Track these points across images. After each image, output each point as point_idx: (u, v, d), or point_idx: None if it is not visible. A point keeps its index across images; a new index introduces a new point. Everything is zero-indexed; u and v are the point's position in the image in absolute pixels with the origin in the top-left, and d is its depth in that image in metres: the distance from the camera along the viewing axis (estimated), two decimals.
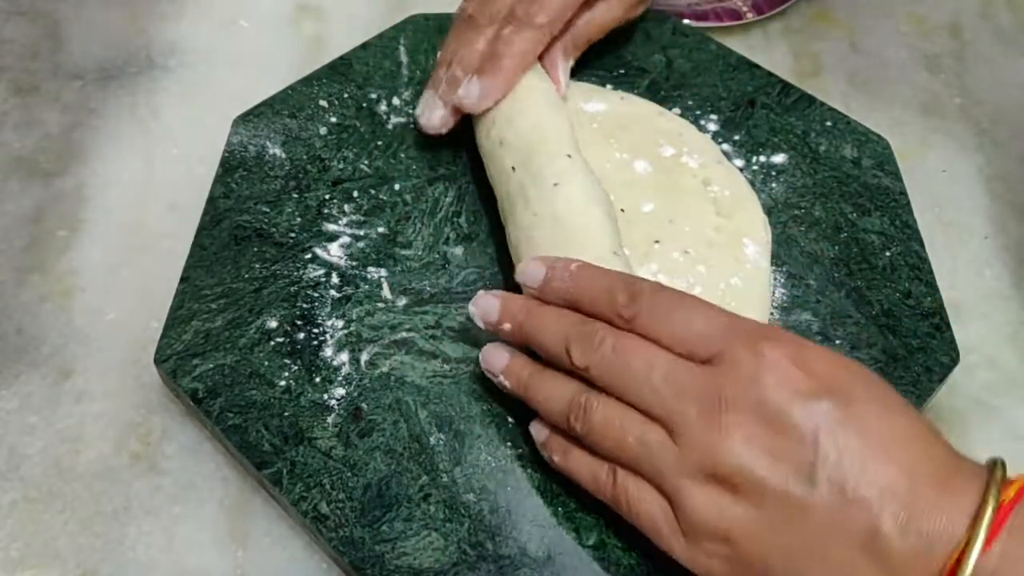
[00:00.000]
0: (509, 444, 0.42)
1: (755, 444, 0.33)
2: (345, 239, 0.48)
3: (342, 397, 0.43)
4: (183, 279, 0.46)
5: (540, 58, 0.50)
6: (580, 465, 0.38)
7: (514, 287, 0.42)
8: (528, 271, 0.41)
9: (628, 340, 0.37)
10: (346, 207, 0.49)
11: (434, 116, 0.49)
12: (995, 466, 0.32)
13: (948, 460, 0.33)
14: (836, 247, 0.49)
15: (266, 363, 0.43)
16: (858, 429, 0.32)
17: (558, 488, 0.40)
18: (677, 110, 0.53)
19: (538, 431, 0.40)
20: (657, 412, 0.35)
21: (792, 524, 0.32)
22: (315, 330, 0.45)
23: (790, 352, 0.34)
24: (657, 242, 0.46)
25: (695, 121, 0.53)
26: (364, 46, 0.56)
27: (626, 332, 0.37)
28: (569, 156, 0.45)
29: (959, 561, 0.30)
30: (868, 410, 0.33)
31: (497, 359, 0.41)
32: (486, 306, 0.41)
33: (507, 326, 0.40)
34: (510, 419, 0.42)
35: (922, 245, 0.49)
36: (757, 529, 0.33)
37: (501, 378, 0.41)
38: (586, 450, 0.38)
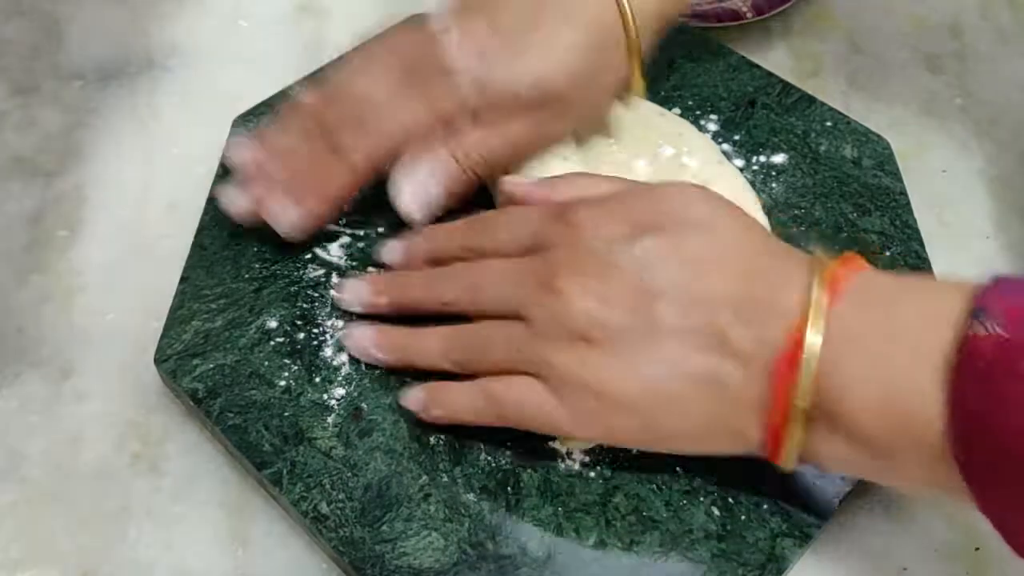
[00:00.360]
0: (509, 444, 0.41)
1: (590, 296, 0.36)
2: (345, 239, 0.48)
3: (342, 397, 0.43)
4: (183, 279, 0.46)
5: None
6: (460, 403, 0.40)
7: None
8: (387, 249, 0.45)
9: (475, 264, 0.40)
10: (345, 207, 0.49)
11: (235, 205, 0.45)
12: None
13: (775, 255, 0.36)
14: (836, 247, 0.48)
15: (266, 363, 0.43)
16: (679, 257, 0.36)
17: (558, 488, 0.40)
18: (677, 110, 0.53)
19: (414, 397, 0.41)
20: (510, 310, 0.38)
21: (649, 356, 0.35)
22: (315, 330, 0.45)
23: (596, 209, 0.37)
24: None
25: (695, 121, 0.53)
26: None
27: (474, 259, 0.41)
28: (565, 159, 0.45)
29: (800, 336, 0.33)
30: (683, 236, 0.36)
31: (365, 335, 0.43)
32: (355, 288, 0.44)
33: (384, 299, 0.43)
34: None
35: (922, 245, 0.49)
36: (620, 372, 0.35)
37: (375, 351, 0.42)
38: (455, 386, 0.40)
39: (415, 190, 0.44)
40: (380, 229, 0.48)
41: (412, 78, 0.43)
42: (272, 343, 0.44)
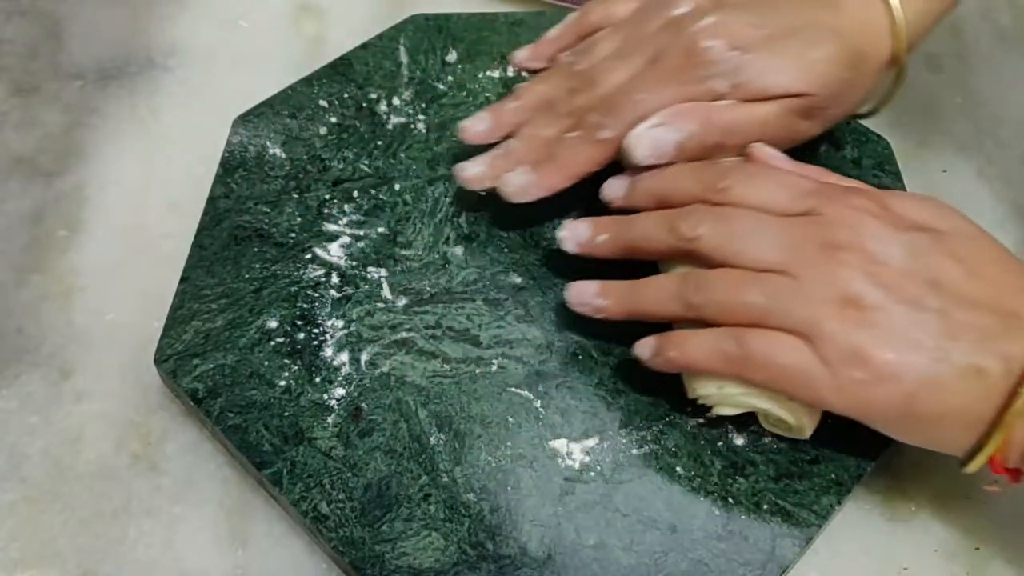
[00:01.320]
0: (509, 444, 0.42)
1: (871, 275, 0.36)
2: (345, 239, 0.48)
3: (342, 397, 0.43)
4: (183, 279, 0.46)
5: None
6: (700, 347, 0.38)
7: (516, 286, 0.42)
8: (611, 185, 0.44)
9: (728, 208, 0.39)
10: (346, 207, 0.49)
11: (471, 170, 0.47)
12: None
13: None
14: None
15: (266, 363, 0.43)
16: (951, 254, 0.37)
17: (559, 488, 0.40)
18: None
19: (644, 344, 0.40)
20: (774, 262, 0.38)
21: (920, 335, 0.36)
22: (315, 330, 0.45)
23: (878, 200, 0.39)
24: None
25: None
26: (364, 46, 0.57)
27: (723, 207, 0.40)
28: None
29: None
30: (957, 239, 0.38)
31: (587, 287, 0.42)
32: (576, 227, 0.43)
33: (603, 237, 0.42)
34: (510, 419, 0.42)
35: None
36: (888, 345, 0.36)
37: (599, 300, 0.41)
38: (697, 334, 0.39)
39: (656, 134, 0.43)
40: (380, 229, 0.48)
41: (662, 64, 0.44)
42: (272, 343, 0.44)
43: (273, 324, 0.45)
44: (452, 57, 0.56)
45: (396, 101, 0.54)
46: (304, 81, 0.55)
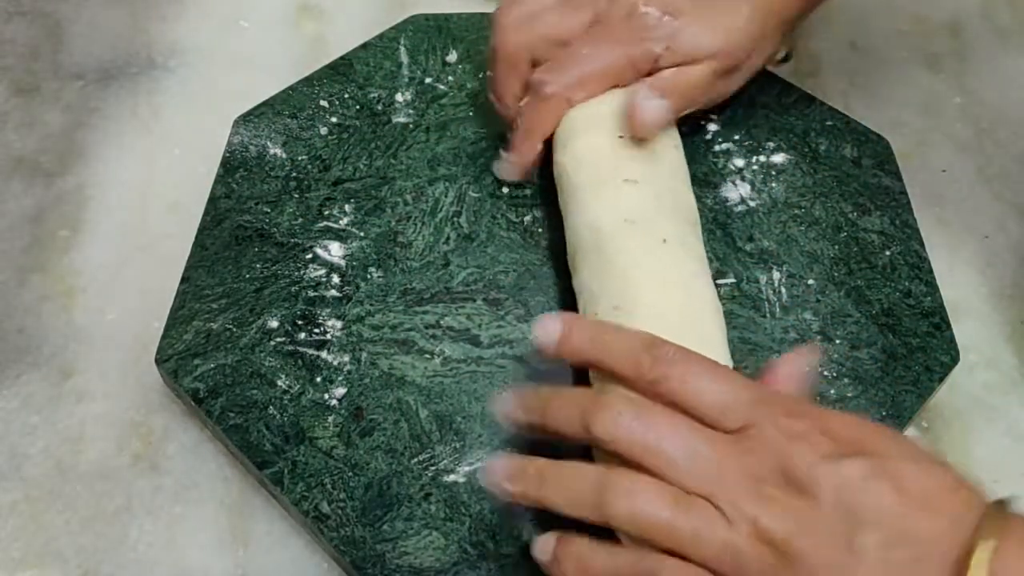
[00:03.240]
0: (509, 444, 0.42)
1: (793, 516, 0.32)
2: (346, 239, 0.48)
3: (343, 397, 0.43)
4: (184, 279, 0.46)
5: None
6: (606, 569, 0.35)
7: (516, 286, 0.42)
8: (542, 329, 0.38)
9: (651, 409, 0.35)
10: (346, 207, 0.49)
11: (502, 169, 0.51)
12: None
13: (970, 505, 0.32)
14: (836, 246, 0.49)
15: (267, 363, 0.43)
16: (893, 484, 0.32)
17: None
18: None
19: (544, 546, 0.36)
20: (695, 489, 0.34)
21: (850, 528, 0.32)
22: (316, 330, 0.45)
23: (813, 423, 0.34)
24: None
25: (695, 121, 0.53)
26: (365, 46, 0.57)
27: (647, 401, 0.35)
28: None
29: None
30: (900, 464, 0.33)
31: (499, 465, 0.37)
32: (503, 401, 0.38)
33: (521, 416, 0.38)
34: None
35: (922, 244, 0.49)
36: None
37: (507, 484, 0.36)
38: (603, 551, 0.35)
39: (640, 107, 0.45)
40: (380, 229, 0.49)
41: (604, 26, 0.48)
42: (273, 343, 0.44)
43: (274, 324, 0.45)
44: (452, 57, 0.56)
45: (396, 101, 0.54)
46: (305, 81, 0.55)
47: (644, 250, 0.41)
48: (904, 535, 0.31)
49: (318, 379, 0.43)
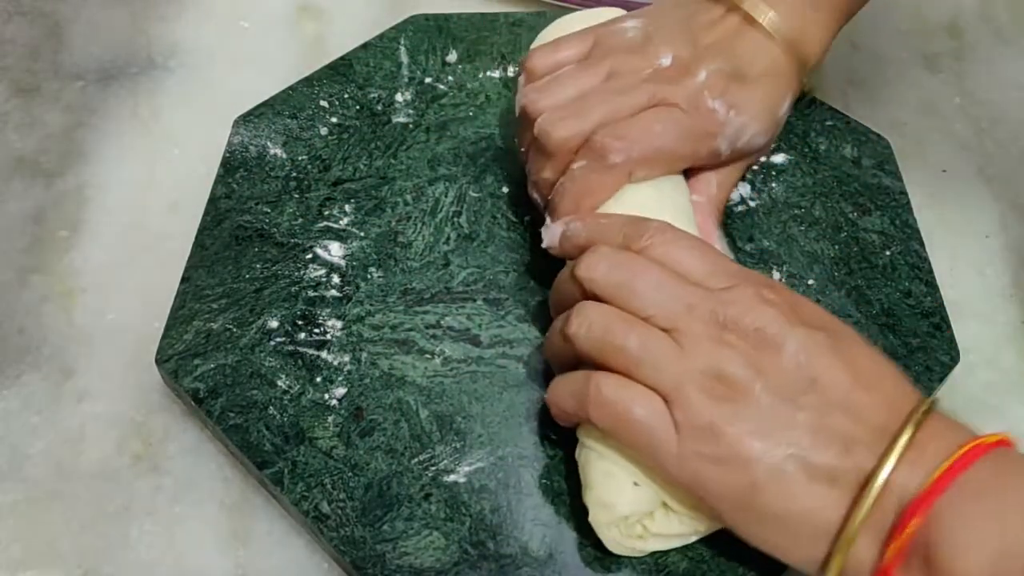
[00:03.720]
0: (510, 444, 0.42)
1: (753, 361, 0.35)
2: (346, 239, 0.48)
3: (343, 397, 0.43)
4: (184, 279, 0.46)
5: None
6: (562, 387, 0.38)
7: (516, 286, 0.42)
8: (547, 233, 0.43)
9: (634, 257, 0.38)
10: (347, 207, 0.49)
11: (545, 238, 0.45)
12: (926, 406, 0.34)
13: (908, 395, 0.36)
14: (836, 246, 0.49)
15: (267, 363, 0.43)
16: (847, 361, 0.35)
17: (559, 487, 0.40)
18: None
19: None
20: (662, 320, 0.36)
21: (782, 429, 0.34)
22: (316, 330, 0.45)
23: (788, 297, 0.37)
24: None
25: None
26: (364, 46, 0.57)
27: (632, 253, 0.38)
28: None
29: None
30: (857, 348, 0.36)
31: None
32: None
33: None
34: (511, 419, 0.42)
35: (922, 244, 0.49)
36: (745, 429, 0.34)
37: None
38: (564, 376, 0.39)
39: None
40: (380, 229, 0.49)
41: (673, 112, 0.44)
42: (273, 343, 0.44)
43: (274, 324, 0.45)
44: (452, 57, 0.56)
45: (396, 101, 0.54)
46: (304, 81, 0.55)
47: None
48: (846, 406, 0.34)
49: (318, 379, 0.43)
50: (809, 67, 0.47)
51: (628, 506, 0.36)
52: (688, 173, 0.46)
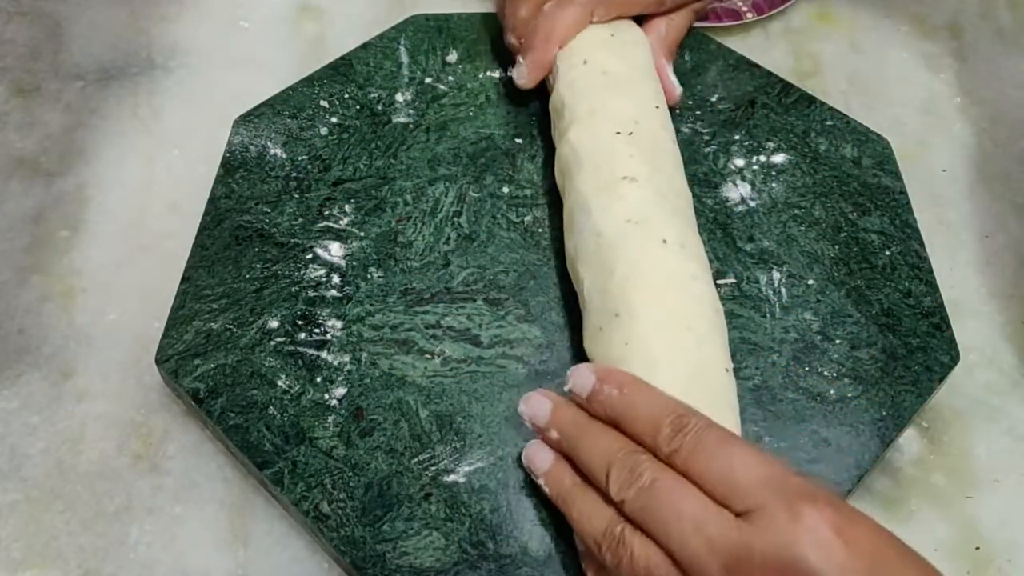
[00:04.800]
0: (510, 444, 0.42)
1: None
2: (345, 239, 0.48)
3: (343, 397, 0.43)
4: (184, 279, 0.46)
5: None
6: (587, 515, 0.36)
7: (516, 286, 0.42)
8: (577, 379, 0.39)
9: (666, 479, 0.35)
10: (347, 207, 0.49)
11: (518, 74, 0.52)
12: None
13: None
14: (836, 246, 0.49)
15: (267, 363, 0.44)
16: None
17: None
18: (677, 111, 0.53)
19: (579, 544, 0.38)
20: (683, 561, 0.33)
21: None
22: (316, 330, 0.45)
23: (830, 517, 0.32)
24: None
25: (695, 121, 0.53)
26: (365, 46, 0.57)
27: (666, 468, 0.35)
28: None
29: None
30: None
31: (540, 461, 0.39)
32: (536, 408, 0.40)
33: (554, 434, 0.39)
34: (511, 419, 0.42)
35: (922, 244, 0.49)
36: None
37: (542, 481, 0.39)
38: None
39: None
40: (380, 229, 0.49)
41: None
42: (273, 343, 0.44)
43: (274, 324, 0.45)
44: (452, 57, 0.56)
45: (396, 101, 0.54)
46: (305, 81, 0.55)
47: (644, 253, 0.41)
48: None
49: (318, 379, 0.43)
50: None
51: None
52: (642, 22, 0.54)
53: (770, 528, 0.32)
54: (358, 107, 0.54)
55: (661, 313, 0.40)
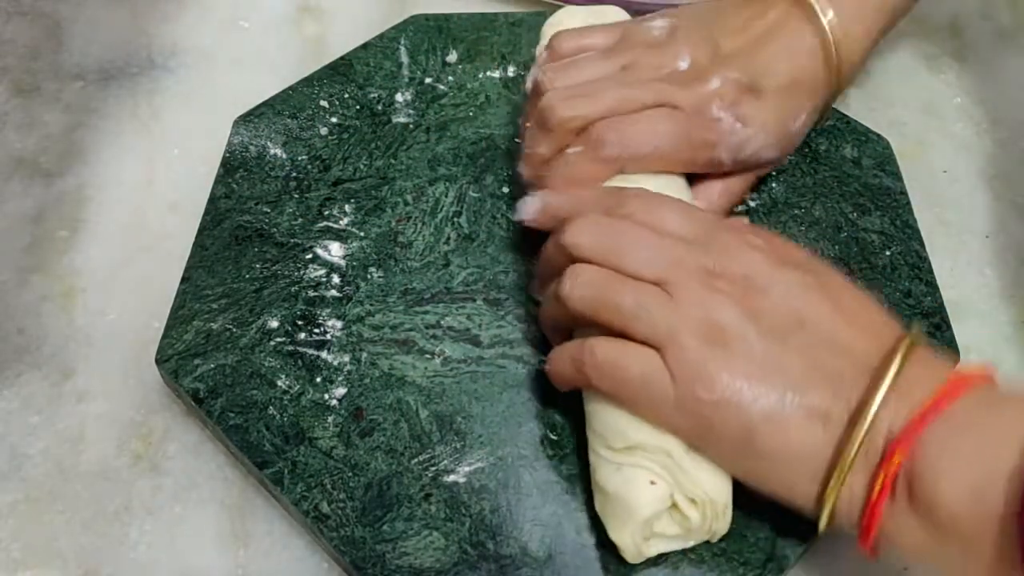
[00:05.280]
0: (510, 444, 0.42)
1: (743, 306, 0.36)
2: (346, 239, 0.48)
3: (343, 397, 0.43)
4: (184, 279, 0.46)
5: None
6: (559, 357, 0.39)
7: (516, 286, 0.42)
8: (524, 205, 0.44)
9: (620, 221, 0.39)
10: (346, 207, 0.49)
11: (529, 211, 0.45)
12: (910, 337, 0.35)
13: (895, 332, 0.37)
14: (836, 246, 0.49)
15: (267, 363, 0.43)
16: (832, 299, 0.37)
17: (559, 488, 0.40)
18: None
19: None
20: (652, 275, 0.37)
21: (776, 372, 0.35)
22: (316, 330, 0.45)
23: (772, 241, 0.39)
24: None
25: None
26: (365, 46, 0.57)
27: (617, 219, 0.39)
28: None
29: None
30: (840, 286, 0.38)
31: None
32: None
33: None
34: (511, 419, 0.42)
35: (922, 245, 0.49)
36: (740, 373, 0.35)
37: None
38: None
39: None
40: (380, 229, 0.49)
41: (675, 116, 0.44)
42: (273, 343, 0.44)
43: (274, 324, 0.45)
44: (452, 57, 0.56)
45: (396, 101, 0.54)
46: (305, 81, 0.55)
47: None
48: (833, 341, 0.36)
49: (318, 379, 0.43)
50: (844, 75, 0.47)
51: (648, 507, 0.36)
52: (694, 180, 0.46)
53: (724, 248, 0.38)
54: (358, 107, 0.54)
55: None
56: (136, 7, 0.62)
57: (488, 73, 0.56)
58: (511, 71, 0.56)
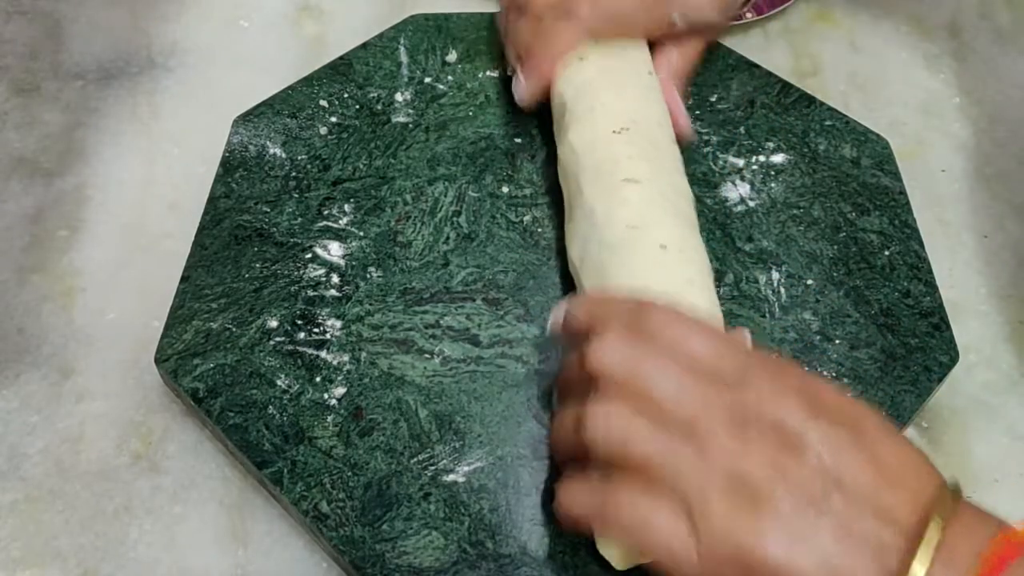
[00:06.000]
0: (509, 444, 0.42)
1: (774, 461, 0.33)
2: (345, 239, 0.48)
3: (342, 396, 0.43)
4: (184, 279, 0.46)
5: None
6: (574, 497, 0.37)
7: (516, 286, 0.42)
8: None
9: (646, 348, 0.36)
10: (346, 207, 0.49)
11: (519, 89, 0.52)
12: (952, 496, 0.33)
13: (931, 480, 0.34)
14: (835, 246, 0.49)
15: (266, 363, 0.44)
16: (871, 456, 0.33)
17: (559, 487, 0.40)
18: None
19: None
20: (682, 414, 0.34)
21: (801, 538, 0.32)
22: (315, 330, 0.45)
23: (804, 384, 0.35)
24: None
25: (694, 121, 0.53)
26: (364, 46, 0.57)
27: (644, 343, 0.36)
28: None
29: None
30: (879, 438, 0.34)
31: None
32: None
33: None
34: (510, 418, 0.42)
35: (921, 244, 0.49)
36: (770, 539, 0.32)
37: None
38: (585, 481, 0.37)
39: None
40: (380, 229, 0.49)
41: None
42: (272, 342, 0.44)
43: (273, 323, 0.45)
44: (452, 57, 0.56)
45: (396, 101, 0.54)
46: (304, 81, 0.55)
47: (642, 260, 0.41)
48: (872, 505, 0.32)
49: (318, 379, 0.43)
50: None
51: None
52: (654, 50, 0.52)
53: (757, 392, 0.35)
54: (358, 107, 0.54)
55: None
56: (136, 7, 0.62)
57: (488, 73, 0.56)
58: (510, 71, 0.56)
